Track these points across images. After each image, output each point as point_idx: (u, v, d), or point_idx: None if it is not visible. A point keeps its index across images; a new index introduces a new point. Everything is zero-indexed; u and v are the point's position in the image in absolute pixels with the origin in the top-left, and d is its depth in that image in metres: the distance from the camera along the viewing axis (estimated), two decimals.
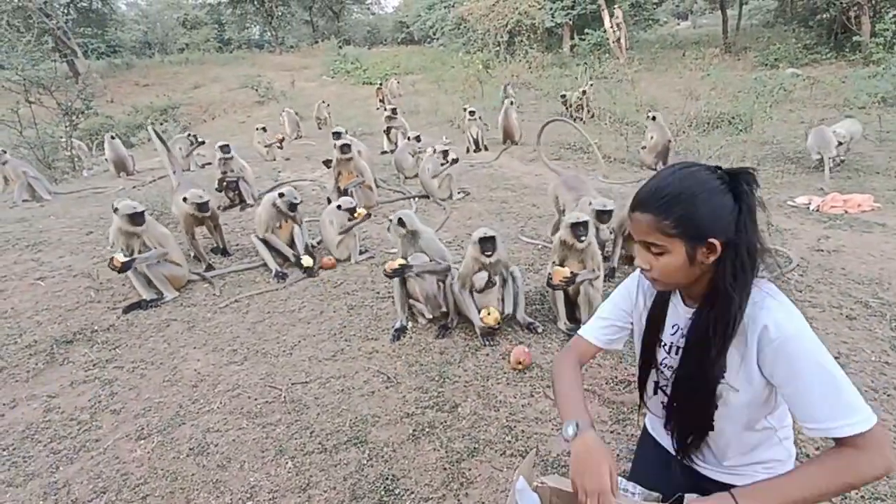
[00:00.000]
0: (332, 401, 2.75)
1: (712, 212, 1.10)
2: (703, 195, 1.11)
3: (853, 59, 13.41)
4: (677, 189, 1.12)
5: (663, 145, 7.09)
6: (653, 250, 1.16)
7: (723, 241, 1.11)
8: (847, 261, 3.98)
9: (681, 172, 1.15)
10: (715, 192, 1.11)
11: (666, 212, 1.12)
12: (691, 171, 1.14)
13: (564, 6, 20.07)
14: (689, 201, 1.11)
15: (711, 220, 1.10)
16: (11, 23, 16.50)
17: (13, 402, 2.91)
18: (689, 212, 1.10)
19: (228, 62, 24.43)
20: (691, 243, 1.12)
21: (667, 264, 1.15)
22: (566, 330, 3.22)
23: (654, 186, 1.16)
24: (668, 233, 1.12)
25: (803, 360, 1.06)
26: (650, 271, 1.19)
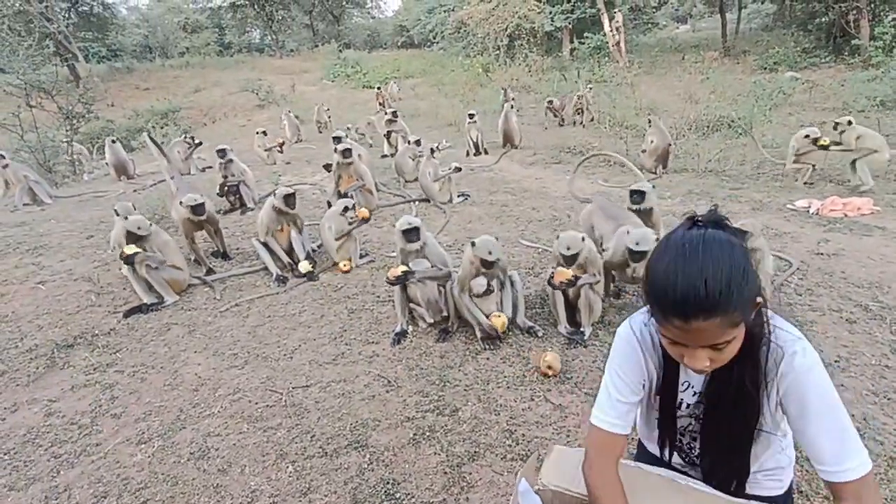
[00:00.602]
0: (332, 405, 2.76)
1: (752, 276, 1.01)
2: (743, 263, 1.00)
3: (852, 62, 13.44)
4: (728, 273, 0.97)
5: (663, 149, 7.10)
6: (719, 347, 1.02)
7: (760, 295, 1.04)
8: (847, 264, 3.98)
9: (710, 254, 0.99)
10: (742, 254, 1.01)
11: (732, 305, 0.97)
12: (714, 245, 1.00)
13: (564, 10, 20.13)
14: (742, 280, 0.98)
15: (754, 286, 1.01)
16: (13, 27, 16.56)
17: (14, 406, 2.92)
18: (745, 290, 0.99)
19: (229, 66, 24.50)
20: (749, 317, 1.04)
21: (733, 350, 1.04)
22: (566, 334, 3.22)
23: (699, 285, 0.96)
24: (736, 322, 1.00)
25: (815, 396, 1.05)
26: (710, 365, 1.06)
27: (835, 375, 2.68)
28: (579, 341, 3.14)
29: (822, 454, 1.05)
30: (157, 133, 14.45)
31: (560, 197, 6.25)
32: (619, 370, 1.23)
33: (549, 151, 8.82)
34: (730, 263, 0.98)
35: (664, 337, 1.07)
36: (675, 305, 0.98)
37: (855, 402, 2.48)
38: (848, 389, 2.56)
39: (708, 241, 1.00)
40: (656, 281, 1.01)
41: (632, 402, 1.23)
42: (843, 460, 1.03)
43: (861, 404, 2.47)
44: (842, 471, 1.03)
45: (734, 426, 1.16)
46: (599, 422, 1.22)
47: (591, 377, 2.83)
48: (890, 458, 2.15)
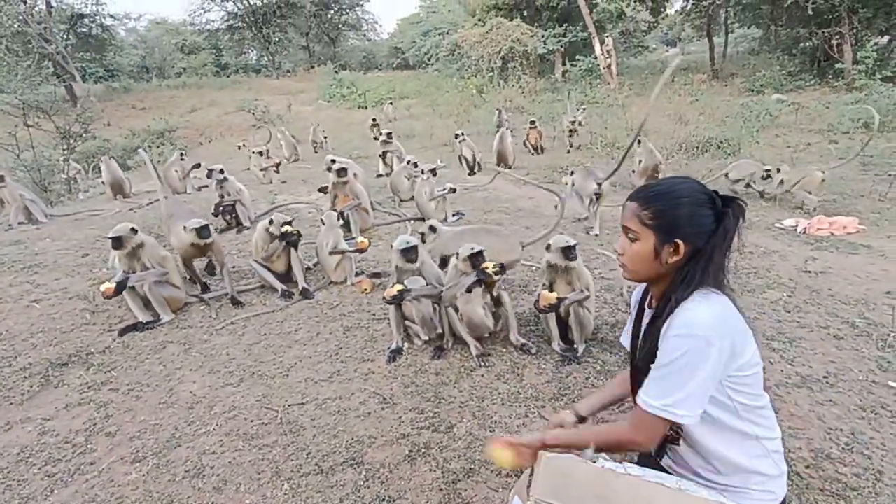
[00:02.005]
0: (328, 422, 2.76)
1: (688, 218, 1.27)
2: (685, 200, 1.28)
3: (836, 85, 13.81)
4: (666, 189, 1.31)
5: (653, 168, 7.25)
6: (629, 235, 1.34)
7: (688, 247, 1.28)
8: (834, 282, 4.06)
9: (677, 179, 1.35)
10: (698, 203, 1.28)
11: (648, 204, 1.30)
12: (687, 181, 1.33)
13: (556, 34, 20.62)
14: (670, 201, 1.29)
15: (684, 224, 1.28)
16: (10, 47, 16.76)
17: (7, 424, 2.90)
18: (666, 209, 1.28)
19: (225, 86, 24.76)
20: (661, 238, 1.29)
21: (636, 252, 1.33)
22: (560, 351, 3.26)
23: (649, 184, 1.36)
24: (644, 222, 1.30)
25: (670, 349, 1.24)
26: (622, 256, 1.38)
27: (823, 391, 2.73)
28: (572, 358, 3.18)
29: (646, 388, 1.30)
30: (154, 152, 14.55)
31: (553, 215, 6.32)
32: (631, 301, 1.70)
33: (543, 171, 8.95)
34: (674, 188, 1.30)
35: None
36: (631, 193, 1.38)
37: (843, 417, 2.52)
38: (836, 405, 2.61)
39: (687, 182, 1.33)
40: None
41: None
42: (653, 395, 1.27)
43: (849, 419, 2.51)
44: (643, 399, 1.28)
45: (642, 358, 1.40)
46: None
47: (587, 393, 2.86)
48: (878, 471, 2.19)
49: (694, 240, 1.28)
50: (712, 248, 1.27)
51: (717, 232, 1.26)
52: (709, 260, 1.27)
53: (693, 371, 1.20)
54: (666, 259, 1.30)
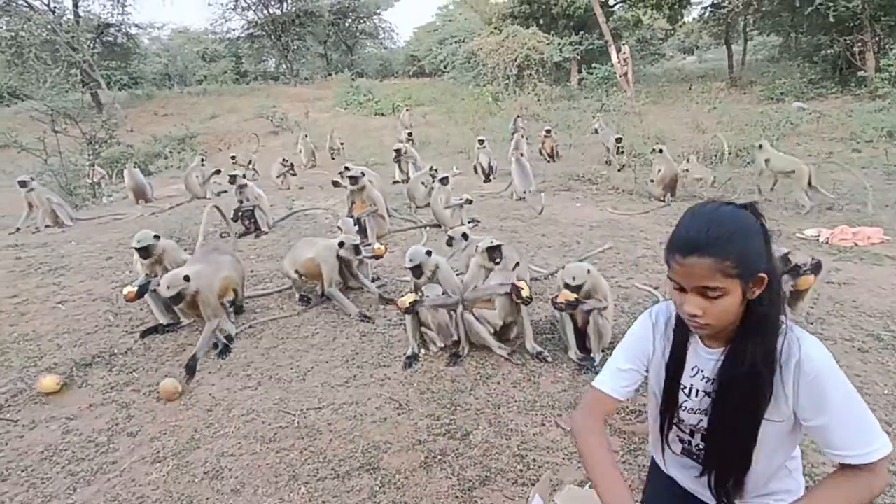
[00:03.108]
0: (344, 427, 2.78)
1: (758, 246, 1.14)
2: (750, 230, 1.13)
3: (858, 93, 13.56)
4: (730, 228, 1.12)
5: (671, 178, 7.19)
6: (710, 295, 1.12)
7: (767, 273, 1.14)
8: (858, 293, 3.98)
9: (720, 211, 1.16)
10: (754, 226, 1.15)
11: (726, 252, 1.10)
12: (727, 209, 1.16)
13: (572, 42, 20.60)
14: (743, 239, 1.12)
15: (758, 255, 1.13)
16: (39, 56, 17.28)
17: (32, 423, 2.97)
18: (745, 249, 1.11)
19: (245, 93, 25.16)
20: (746, 280, 1.12)
21: (725, 307, 1.13)
22: (577, 360, 3.25)
23: (702, 228, 1.12)
24: (728, 273, 1.10)
25: (834, 392, 1.11)
26: (702, 317, 1.15)
27: None
28: (589, 367, 3.16)
29: (845, 442, 1.11)
30: (175, 158, 14.84)
31: (569, 223, 6.32)
32: (627, 344, 1.39)
33: (558, 179, 8.93)
34: (734, 224, 1.13)
35: (670, 282, 1.19)
36: (679, 243, 1.14)
37: None
38: None
39: (724, 208, 1.16)
40: (673, 231, 1.18)
41: (631, 371, 1.35)
42: (864, 443, 1.09)
43: None
44: (865, 453, 1.09)
45: (742, 409, 1.20)
46: (599, 384, 1.36)
47: None
48: None
49: (766, 263, 1.15)
50: (772, 261, 1.16)
51: (766, 242, 1.16)
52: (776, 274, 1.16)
53: (855, 397, 1.12)
54: (750, 297, 1.16)
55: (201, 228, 5.49)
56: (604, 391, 1.35)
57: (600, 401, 1.36)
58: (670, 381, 1.32)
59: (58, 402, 3.17)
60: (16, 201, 7.68)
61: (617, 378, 1.35)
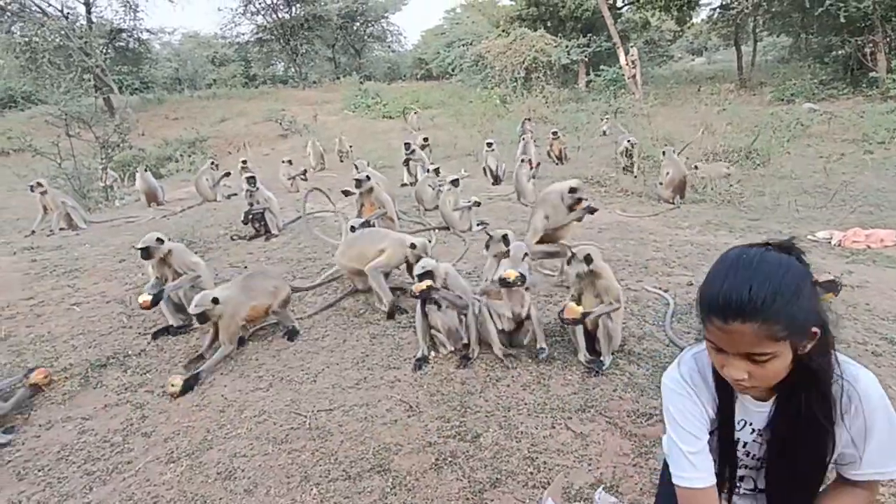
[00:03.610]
0: (355, 428, 2.80)
1: (807, 299, 1.02)
2: (798, 283, 1.02)
3: (870, 94, 13.44)
4: (777, 285, 1.00)
5: (680, 180, 7.17)
6: (757, 360, 1.03)
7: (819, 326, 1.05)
8: (871, 296, 3.94)
9: (762, 264, 1.03)
10: (800, 275, 1.03)
11: (776, 315, 0.98)
12: (770, 258, 1.04)
13: (580, 44, 20.62)
14: (792, 296, 1.00)
15: (808, 310, 1.02)
16: (53, 61, 17.55)
17: (49, 423, 3.02)
18: (795, 308, 1.00)
19: (254, 97, 25.40)
20: (797, 339, 1.03)
21: (775, 370, 1.05)
22: (586, 362, 3.24)
23: (744, 288, 1.00)
24: (778, 337, 1.00)
25: (882, 421, 1.11)
26: (748, 380, 1.06)
27: None
28: (598, 370, 3.16)
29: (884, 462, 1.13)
30: (185, 161, 14.99)
31: (578, 226, 6.30)
32: (680, 421, 1.22)
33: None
34: (781, 279, 1.00)
35: (708, 342, 1.08)
36: (717, 305, 1.01)
37: None
38: None
39: (766, 257, 1.03)
40: (707, 284, 1.06)
41: (702, 449, 1.21)
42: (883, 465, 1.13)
43: None
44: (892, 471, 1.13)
45: (803, 462, 1.17)
46: (682, 481, 1.20)
47: (613, 406, 2.84)
48: None
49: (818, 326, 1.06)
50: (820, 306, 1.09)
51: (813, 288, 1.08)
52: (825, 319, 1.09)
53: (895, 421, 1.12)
54: (801, 352, 1.07)
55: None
56: (697, 487, 1.19)
57: (698, 498, 1.20)
58: (724, 438, 1.24)
59: (73, 402, 3.22)
60: (31, 205, 7.82)
61: (698, 463, 1.20)
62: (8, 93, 22.87)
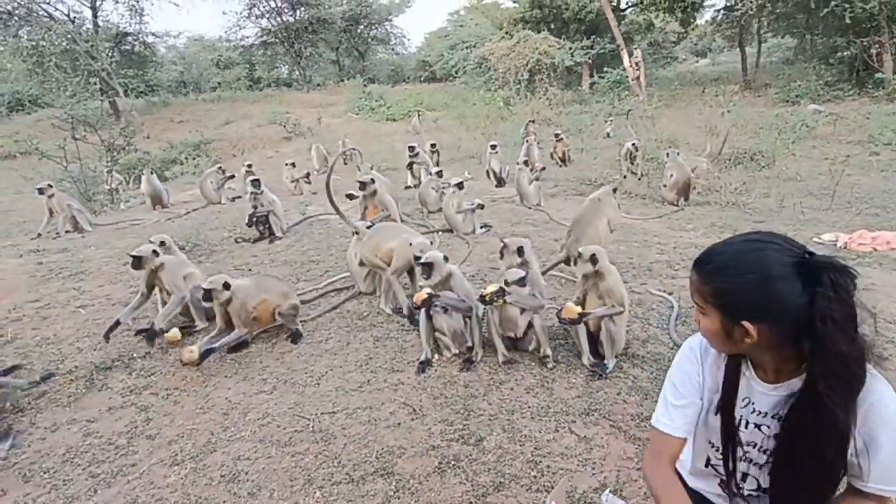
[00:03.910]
0: (358, 431, 2.80)
1: (760, 297, 1.05)
2: (750, 277, 1.06)
3: (876, 95, 13.36)
4: (728, 261, 1.09)
5: (684, 182, 7.14)
6: (697, 308, 1.19)
7: (766, 328, 1.07)
8: (878, 300, 3.91)
9: (747, 245, 1.10)
10: (773, 279, 1.04)
11: (708, 279, 1.12)
12: (759, 246, 1.09)
13: (583, 46, 20.60)
14: (734, 278, 1.07)
15: (752, 305, 1.06)
16: (59, 65, 17.66)
17: (54, 425, 3.04)
18: (728, 287, 1.08)
19: (258, 100, 25.47)
20: (727, 318, 1.10)
21: (706, 327, 1.18)
22: (590, 366, 3.24)
23: (713, 250, 1.15)
24: (706, 299, 1.14)
25: (891, 436, 1.10)
26: (699, 328, 1.22)
27: None
28: (601, 373, 3.15)
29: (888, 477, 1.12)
30: (190, 164, 15.05)
31: None
32: (674, 376, 1.35)
33: (570, 183, 8.91)
34: (739, 260, 1.09)
35: None
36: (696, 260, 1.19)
37: None
38: None
39: (755, 245, 1.10)
40: None
41: (684, 405, 1.31)
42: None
43: None
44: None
45: (812, 459, 1.14)
46: (657, 423, 1.33)
47: (617, 409, 2.83)
48: None
49: (773, 320, 1.07)
50: (827, 337, 1.03)
51: (815, 311, 1.02)
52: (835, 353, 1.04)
53: None
54: (740, 341, 1.12)
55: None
56: (665, 432, 1.31)
57: (666, 443, 1.31)
58: (727, 413, 1.27)
59: (79, 404, 3.24)
60: (37, 207, 7.87)
61: (675, 415, 1.31)
62: (15, 96, 23.02)
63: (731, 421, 1.27)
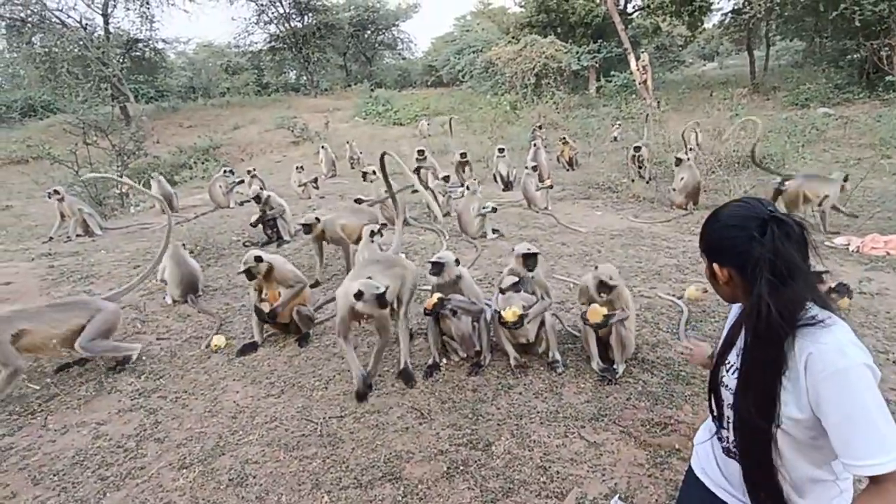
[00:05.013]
0: (366, 435, 2.79)
1: (719, 240, 1.26)
2: (718, 223, 1.27)
3: (887, 98, 13.21)
4: (715, 213, 1.30)
5: (693, 186, 7.09)
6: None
7: (728, 271, 1.24)
8: (892, 304, 3.87)
9: (733, 202, 1.29)
10: (730, 227, 1.23)
11: (704, 230, 1.32)
12: (740, 203, 1.27)
13: (590, 50, 20.59)
14: (709, 223, 1.30)
15: (718, 247, 1.27)
16: (71, 71, 17.91)
17: (64, 428, 3.05)
18: (705, 232, 1.30)
19: (266, 104, 25.65)
20: (708, 260, 1.31)
21: (705, 271, 1.34)
22: (599, 370, 3.21)
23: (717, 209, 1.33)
24: (701, 246, 1.34)
25: (833, 394, 1.07)
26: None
27: None
28: (611, 378, 3.12)
29: (856, 450, 1.06)
30: (199, 168, 15.16)
31: (590, 232, 6.28)
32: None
33: (578, 187, 8.88)
34: (719, 211, 1.29)
35: None
36: None
37: None
38: None
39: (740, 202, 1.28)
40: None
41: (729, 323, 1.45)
42: (876, 454, 1.04)
43: None
44: (876, 464, 1.04)
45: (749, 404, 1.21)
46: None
47: (627, 415, 2.80)
48: None
49: (731, 264, 1.23)
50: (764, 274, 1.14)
51: (762, 255, 1.14)
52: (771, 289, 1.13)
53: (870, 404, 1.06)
54: (721, 284, 1.29)
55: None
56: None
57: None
58: (720, 355, 1.36)
59: (88, 407, 3.25)
60: (49, 211, 7.95)
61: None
62: (28, 102, 23.34)
63: (720, 368, 1.35)
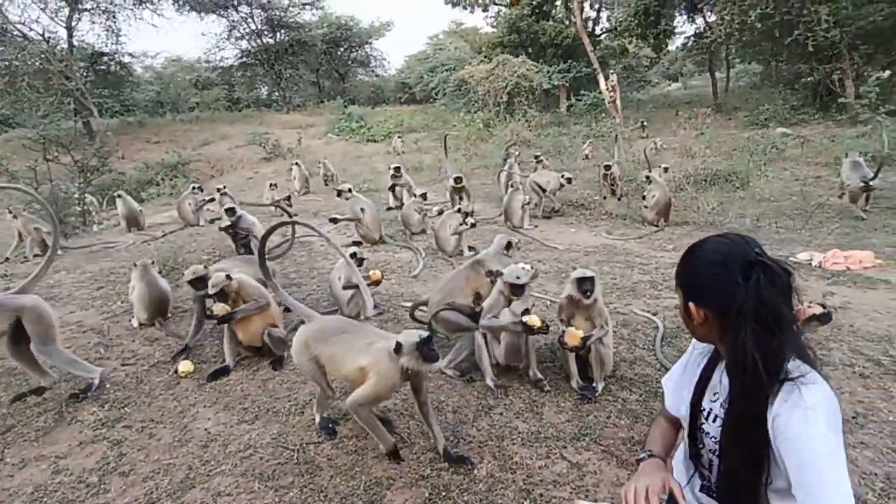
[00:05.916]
0: (345, 462, 2.71)
1: (700, 279, 1.22)
2: (697, 262, 1.23)
3: (840, 119, 13.95)
4: (694, 248, 1.27)
5: (665, 203, 7.28)
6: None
7: (706, 313, 1.19)
8: (854, 318, 4.01)
9: (714, 238, 1.26)
10: (712, 265, 1.19)
11: (679, 263, 1.30)
12: (721, 240, 1.23)
13: (561, 70, 21.14)
14: (688, 261, 1.26)
15: (697, 289, 1.22)
16: (32, 84, 17.30)
17: (22, 462, 2.86)
18: (684, 270, 1.27)
19: (237, 120, 25.33)
20: (684, 298, 1.26)
21: (679, 306, 1.31)
22: (578, 389, 3.21)
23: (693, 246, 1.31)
24: (677, 282, 1.30)
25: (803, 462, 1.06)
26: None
27: (853, 433, 2.66)
28: (590, 397, 3.13)
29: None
30: (167, 185, 14.78)
31: (564, 249, 6.35)
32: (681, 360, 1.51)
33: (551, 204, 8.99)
34: (697, 248, 1.26)
35: None
36: None
37: (877, 460, 2.45)
38: (868, 447, 2.54)
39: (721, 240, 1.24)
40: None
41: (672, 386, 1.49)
42: None
43: (883, 463, 2.44)
44: None
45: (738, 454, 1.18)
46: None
47: (608, 433, 2.80)
48: None
49: (711, 307, 1.17)
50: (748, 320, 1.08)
51: (746, 300, 1.09)
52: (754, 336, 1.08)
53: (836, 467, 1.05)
54: (695, 324, 1.24)
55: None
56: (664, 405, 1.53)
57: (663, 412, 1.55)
58: (694, 398, 1.33)
59: (47, 439, 3.06)
60: (8, 231, 7.59)
61: (667, 395, 1.51)
62: None
63: (697, 414, 1.32)
